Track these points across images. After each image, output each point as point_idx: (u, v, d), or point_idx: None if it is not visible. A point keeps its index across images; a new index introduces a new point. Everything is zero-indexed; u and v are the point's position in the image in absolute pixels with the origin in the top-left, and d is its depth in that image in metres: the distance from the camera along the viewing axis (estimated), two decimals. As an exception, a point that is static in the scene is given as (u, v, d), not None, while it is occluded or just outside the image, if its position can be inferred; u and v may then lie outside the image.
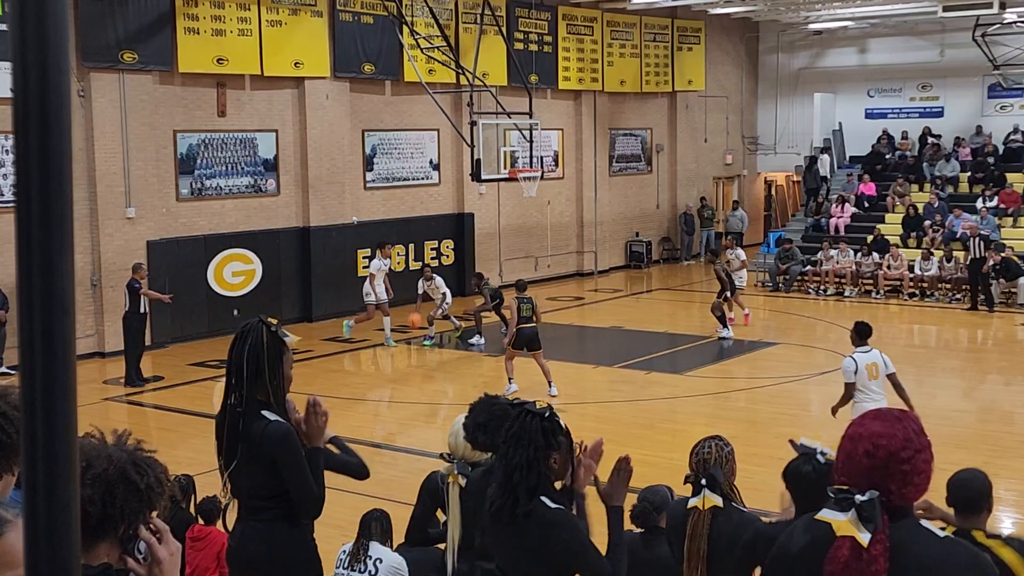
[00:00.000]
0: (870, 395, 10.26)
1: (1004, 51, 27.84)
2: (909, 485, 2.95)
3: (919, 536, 2.96)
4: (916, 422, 3.04)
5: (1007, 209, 27.15)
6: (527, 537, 4.23)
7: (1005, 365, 18.21)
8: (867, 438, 2.98)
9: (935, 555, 2.92)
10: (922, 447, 2.97)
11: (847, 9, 28.82)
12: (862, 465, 2.96)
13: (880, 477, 2.94)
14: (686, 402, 15.43)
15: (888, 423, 3.01)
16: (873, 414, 3.08)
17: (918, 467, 2.95)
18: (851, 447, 3.01)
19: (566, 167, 28.24)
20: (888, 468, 2.93)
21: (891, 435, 2.96)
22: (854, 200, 29.27)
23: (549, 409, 4.31)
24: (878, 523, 2.88)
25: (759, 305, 24.62)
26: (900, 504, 2.96)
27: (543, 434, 4.23)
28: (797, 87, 33.26)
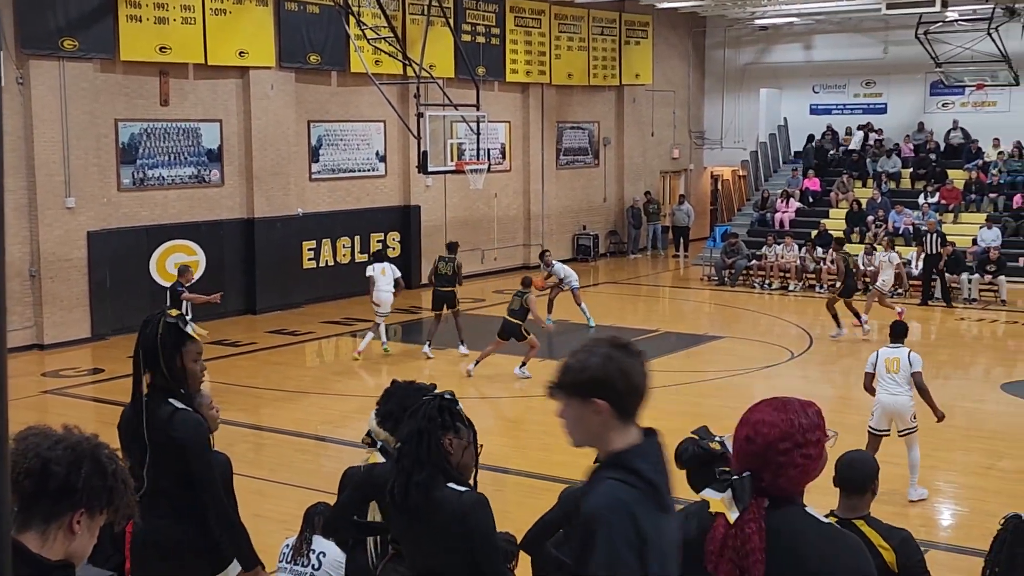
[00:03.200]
0: (884, 387, 10.84)
1: (946, 49, 28.18)
2: (782, 476, 2.98)
3: (801, 522, 3.00)
4: (811, 416, 3.05)
5: (948, 205, 27.54)
6: (435, 524, 4.22)
7: (945, 360, 18.45)
8: (750, 424, 3.05)
9: (815, 542, 2.96)
10: (805, 442, 2.99)
11: (792, 5, 29.05)
12: (742, 449, 3.03)
13: (756, 463, 2.99)
14: (632, 395, 15.44)
15: (776, 413, 3.04)
16: (769, 401, 3.12)
17: (794, 461, 2.98)
18: (737, 430, 3.09)
19: (513, 160, 28.21)
20: (764, 456, 2.98)
21: (772, 425, 3.00)
22: (799, 195, 29.54)
23: (450, 394, 4.34)
24: (746, 502, 2.92)
25: (704, 299, 24.78)
26: (779, 491, 2.99)
27: (439, 411, 4.26)
28: (743, 82, 33.48)
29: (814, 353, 18.33)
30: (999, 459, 12.41)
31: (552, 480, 10.75)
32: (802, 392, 11.87)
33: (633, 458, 2.98)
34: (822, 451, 3.06)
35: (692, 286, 26.45)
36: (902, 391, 10.79)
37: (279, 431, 13.51)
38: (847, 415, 12.90)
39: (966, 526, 10.36)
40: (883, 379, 10.84)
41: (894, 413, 10.88)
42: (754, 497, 2.96)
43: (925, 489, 10.91)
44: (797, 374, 17.04)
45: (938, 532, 10.29)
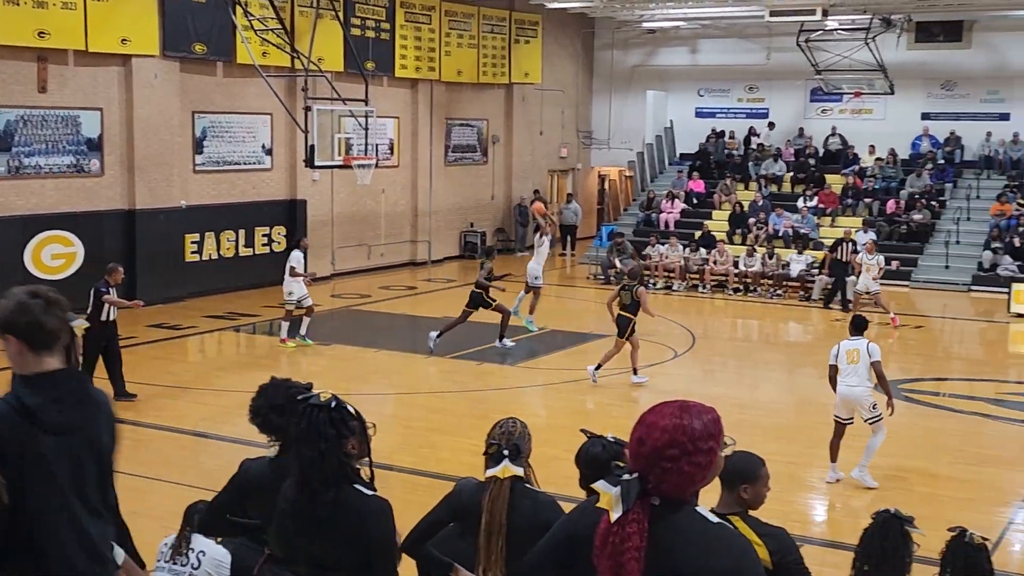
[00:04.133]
0: (844, 378, 11.35)
1: (826, 57, 28.93)
2: (666, 481, 3.00)
3: (686, 524, 3.02)
4: (707, 424, 3.05)
5: (826, 209, 28.28)
6: (339, 527, 4.18)
7: (821, 359, 18.91)
8: (644, 426, 3.06)
9: (697, 543, 2.99)
10: (694, 450, 3.00)
11: (679, 10, 29.50)
12: (633, 450, 3.05)
13: (643, 465, 3.02)
14: (519, 392, 15.53)
15: (670, 418, 3.04)
16: (668, 404, 3.12)
17: (680, 468, 2.99)
18: (633, 431, 3.09)
19: (401, 156, 28.08)
20: (650, 460, 3.00)
21: (663, 430, 3.01)
22: (684, 196, 30.02)
23: (335, 399, 4.28)
24: (630, 503, 2.95)
25: (590, 298, 24.99)
26: (666, 494, 3.01)
27: (332, 425, 4.21)
28: (631, 84, 33.88)
29: (697, 352, 18.63)
30: (875, 456, 12.76)
31: (436, 477, 10.74)
32: (684, 391, 12.17)
33: (21, 382, 3.64)
34: (713, 459, 3.05)
35: (578, 284, 26.68)
36: (859, 382, 11.30)
37: (158, 427, 13.22)
38: (730, 413, 13.12)
39: (840, 521, 10.64)
40: (843, 370, 11.35)
41: (853, 403, 11.38)
42: (641, 497, 2.97)
43: (872, 479, 11.30)
44: (680, 373, 17.29)
45: (812, 527, 10.54)
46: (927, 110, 30.26)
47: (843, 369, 11.35)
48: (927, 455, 13.14)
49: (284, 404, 4.86)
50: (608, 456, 4.43)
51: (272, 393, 5.09)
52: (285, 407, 4.82)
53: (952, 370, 17.47)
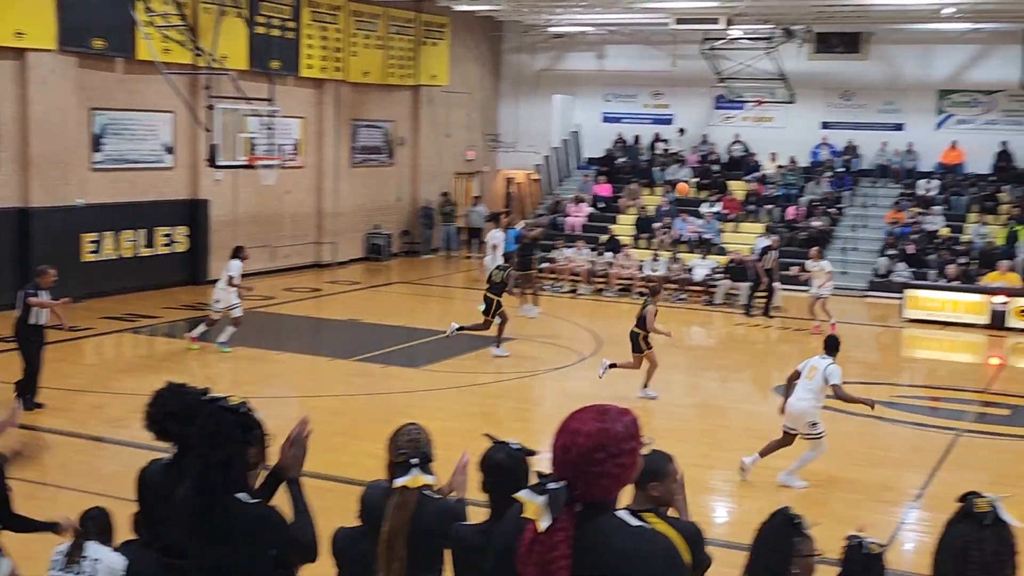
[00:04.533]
0: (797, 391, 11.64)
1: (729, 65, 29.39)
2: (595, 486, 3.02)
3: (611, 529, 3.04)
4: (627, 425, 3.09)
5: (728, 215, 28.72)
6: (230, 535, 4.13)
7: (724, 363, 19.22)
8: (567, 433, 3.06)
9: (623, 547, 3.01)
10: (619, 452, 3.03)
11: (586, 15, 29.71)
12: (558, 458, 3.05)
13: (570, 472, 3.02)
14: (423, 396, 15.47)
15: (593, 422, 3.06)
16: (587, 410, 3.13)
17: (608, 471, 3.02)
18: (556, 438, 3.09)
19: (307, 156, 27.81)
20: (578, 466, 3.01)
21: (587, 435, 3.03)
22: (590, 200, 30.24)
23: (244, 404, 4.21)
24: (558, 512, 2.95)
25: (496, 300, 25.01)
26: (592, 499, 3.03)
27: (241, 429, 4.15)
28: (538, 88, 34.02)
29: (602, 355, 18.74)
30: (770, 458, 12.97)
31: (338, 480, 10.64)
32: (589, 395, 12.21)
33: None
34: (636, 460, 3.10)
35: (482, 288, 26.62)
36: (805, 399, 11.50)
37: (54, 431, 12.88)
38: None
39: (739, 523, 10.79)
40: (800, 383, 11.61)
41: (796, 416, 11.56)
42: (567, 506, 2.98)
43: (801, 481, 11.53)
44: (586, 376, 17.39)
45: (712, 528, 10.68)
46: (826, 119, 30.93)
47: (800, 382, 11.58)
48: (824, 457, 13.40)
49: (180, 412, 4.76)
50: (511, 463, 4.41)
51: (168, 400, 4.95)
52: (181, 415, 4.72)
53: (848, 373, 17.73)
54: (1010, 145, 28.85)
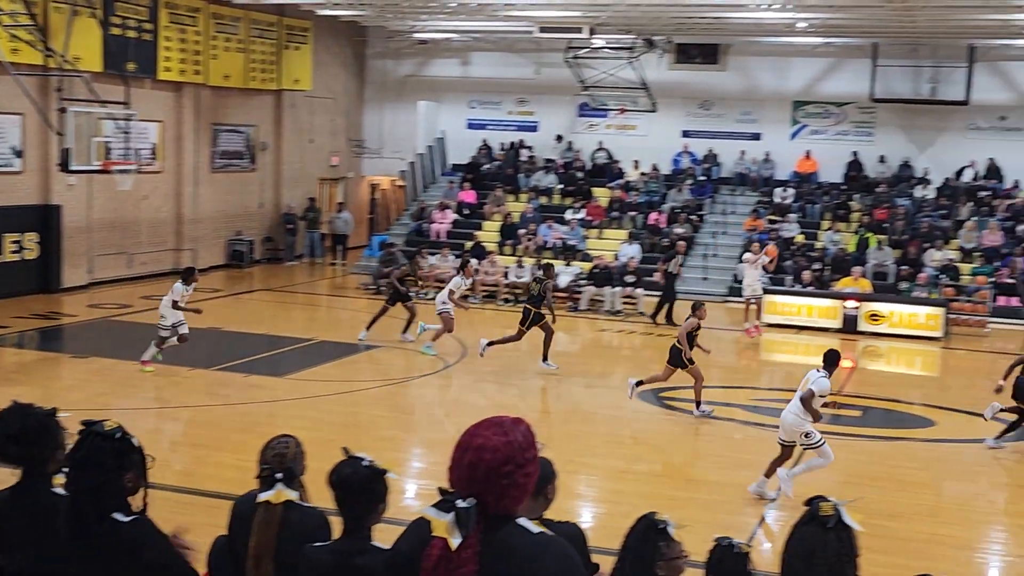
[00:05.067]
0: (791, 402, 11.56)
1: (592, 73, 29.76)
2: (506, 498, 3.04)
3: (515, 539, 3.06)
4: (526, 434, 3.12)
5: (593, 221, 29.06)
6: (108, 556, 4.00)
7: (588, 368, 19.40)
8: (473, 450, 3.05)
9: (528, 555, 3.03)
10: (524, 461, 3.07)
11: (450, 22, 29.72)
12: (465, 475, 3.04)
13: (480, 488, 3.02)
14: (287, 405, 15.22)
15: (496, 436, 3.07)
16: (487, 423, 3.13)
17: (517, 481, 3.05)
18: (459, 455, 3.08)
19: (165, 161, 27.14)
20: (488, 481, 3.02)
21: (495, 450, 3.04)
22: (455, 207, 30.24)
23: (120, 429, 4.08)
24: (470, 530, 2.95)
25: (361, 307, 24.81)
26: (500, 511, 3.04)
27: (115, 456, 4.03)
28: (403, 93, 33.88)
29: (467, 363, 18.74)
30: (634, 463, 13.15)
31: (200, 494, 10.38)
32: (454, 401, 12.19)
33: None
34: (538, 467, 3.14)
35: (349, 294, 26.44)
36: (791, 410, 11.49)
37: None
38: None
39: (606, 527, 10.89)
40: (795, 395, 11.56)
41: (787, 428, 11.55)
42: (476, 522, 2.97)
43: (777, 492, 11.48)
44: (451, 383, 17.36)
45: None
46: (687, 128, 31.56)
47: (795, 394, 11.55)
48: (686, 460, 13.65)
49: (20, 434, 4.52)
50: (358, 479, 4.33)
51: (9, 421, 4.69)
52: (22, 437, 4.49)
53: (709, 378, 18.17)
54: (860, 155, 29.90)
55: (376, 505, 4.34)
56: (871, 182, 29.39)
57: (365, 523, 4.33)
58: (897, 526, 10.74)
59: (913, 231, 27.20)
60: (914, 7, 22.78)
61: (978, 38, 27.62)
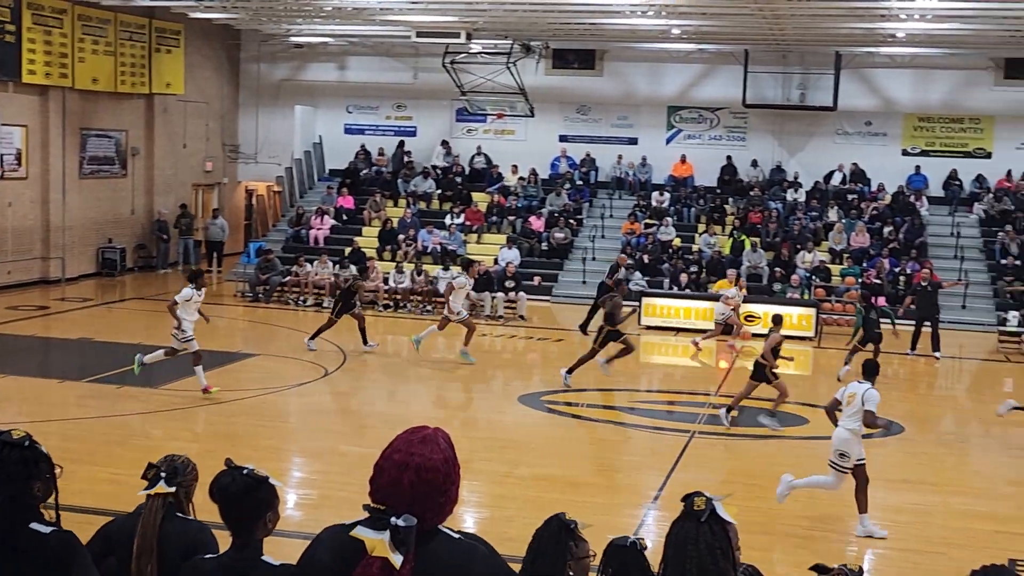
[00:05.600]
0: (842, 418, 11.15)
1: (470, 79, 29.80)
2: (441, 513, 3.09)
3: (442, 547, 3.07)
4: (450, 444, 3.16)
5: (472, 226, 29.07)
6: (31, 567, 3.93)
7: (470, 373, 19.36)
8: (414, 469, 3.04)
9: (461, 560, 3.07)
10: (455, 476, 3.12)
11: (326, 26, 29.43)
12: (405, 493, 3.02)
13: (420, 507, 3.02)
14: (162, 417, 14.85)
15: (435, 454, 3.09)
16: (418, 438, 3.12)
17: (451, 496, 3.11)
18: (395, 474, 3.04)
19: (30, 167, 26.27)
20: (428, 498, 3.04)
21: (435, 469, 3.06)
22: (333, 212, 29.93)
23: (28, 437, 4.00)
24: (411, 547, 2.94)
25: (237, 315, 24.40)
26: (433, 524, 3.07)
27: (24, 464, 3.96)
28: (279, 98, 33.43)
29: (347, 370, 18.56)
30: (516, 467, 13.17)
31: (71, 510, 10.02)
32: (337, 408, 12.01)
33: None
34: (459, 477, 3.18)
35: (225, 302, 25.95)
36: (843, 426, 11.12)
37: None
38: (380, 431, 13.17)
39: (489, 532, 10.86)
40: (844, 411, 11.15)
41: (832, 442, 11.22)
42: None
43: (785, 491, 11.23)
44: (332, 391, 17.16)
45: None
46: (564, 132, 31.81)
47: (844, 410, 11.19)
48: (568, 463, 13.72)
49: None
50: (236, 488, 4.23)
51: None
52: None
53: (589, 381, 18.34)
54: (734, 159, 30.54)
55: (262, 516, 4.22)
56: (744, 186, 30.03)
57: (254, 535, 4.22)
58: (772, 522, 10.96)
59: (785, 233, 27.88)
60: (783, 15, 23.37)
61: (844, 46, 28.46)
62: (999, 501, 12.68)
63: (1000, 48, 27.90)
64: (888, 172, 29.59)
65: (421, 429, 3.17)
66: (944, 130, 29.88)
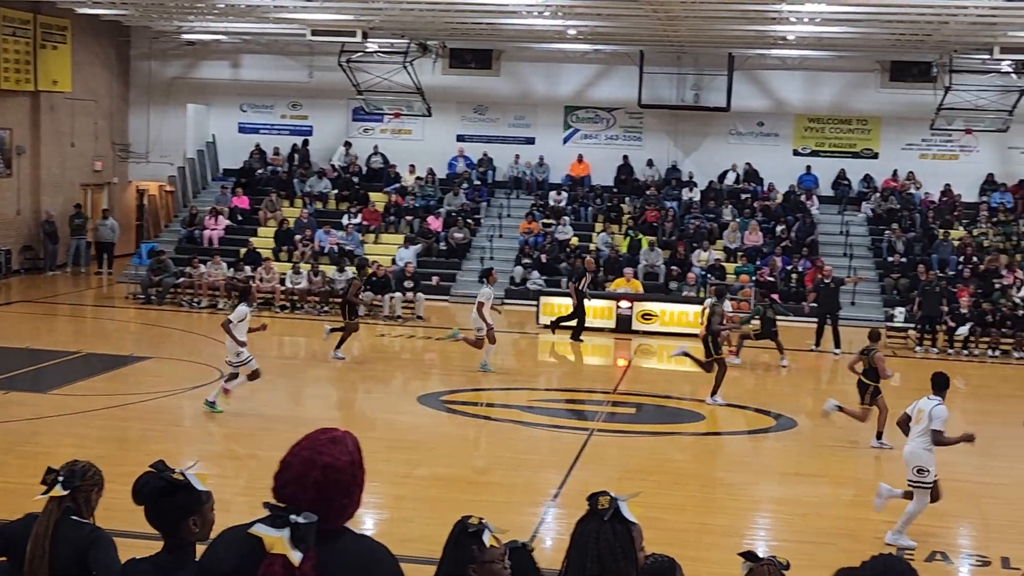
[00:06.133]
0: (910, 435, 10.97)
1: (367, 78, 29.61)
2: (343, 514, 3.08)
3: (350, 544, 3.07)
4: (357, 445, 3.14)
5: (370, 226, 28.88)
6: None
7: (368, 374, 19.25)
8: (321, 469, 3.03)
9: (366, 559, 3.07)
10: (361, 480, 3.12)
11: (219, 23, 28.95)
12: (310, 492, 3.00)
13: (323, 507, 3.00)
14: (50, 423, 14.44)
15: (343, 455, 3.07)
16: (325, 439, 3.10)
17: (355, 499, 3.10)
18: (301, 471, 3.02)
19: (-90, 166, 25.36)
20: (333, 499, 3.02)
21: (342, 470, 3.05)
22: (228, 213, 29.47)
23: None
24: (311, 544, 2.92)
25: (130, 318, 23.90)
26: (339, 524, 3.06)
27: None
28: (170, 96, 32.78)
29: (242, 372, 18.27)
30: (416, 467, 13.12)
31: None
32: (233, 411, 11.79)
33: None
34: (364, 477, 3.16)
35: (117, 304, 25.38)
36: (914, 442, 10.89)
37: None
38: (280, 432, 13.03)
39: (388, 533, 10.80)
40: (912, 427, 10.97)
41: (905, 458, 10.97)
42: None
43: (910, 539, 10.76)
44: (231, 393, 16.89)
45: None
46: (462, 132, 31.80)
47: (912, 426, 11.00)
48: (468, 463, 13.73)
49: None
50: (149, 492, 4.16)
51: None
52: None
53: (489, 380, 18.37)
54: (630, 159, 30.84)
55: (186, 518, 4.16)
56: (641, 185, 30.35)
57: (183, 538, 4.15)
58: (670, 517, 11.09)
59: (681, 232, 28.26)
60: (677, 17, 23.68)
61: (737, 48, 28.96)
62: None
63: (886, 51, 28.68)
64: (780, 172, 30.19)
65: (331, 430, 3.16)
66: (833, 131, 30.61)
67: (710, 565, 9.64)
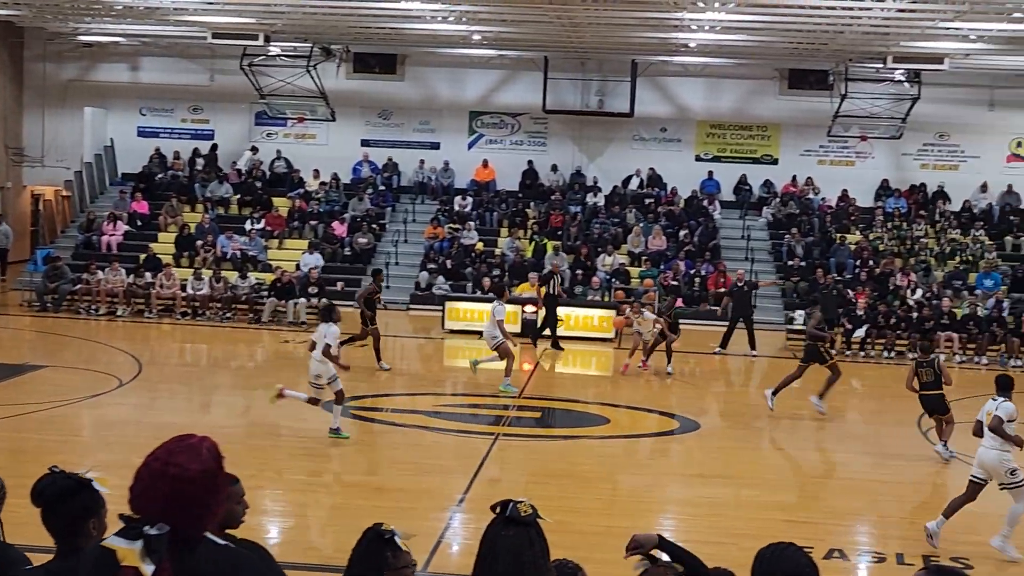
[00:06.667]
0: (983, 438, 10.88)
1: (269, 82, 29.31)
2: (199, 524, 2.99)
3: (209, 553, 3.01)
4: (215, 455, 3.04)
5: (273, 231, 28.58)
6: None
7: (273, 380, 19.03)
8: (170, 479, 2.94)
9: (222, 569, 3.02)
10: (217, 488, 3.02)
11: (118, 25, 28.39)
12: (160, 504, 2.92)
13: (176, 518, 2.92)
14: (-60, 434, 14.01)
15: (194, 463, 2.98)
16: (178, 447, 3.01)
17: (212, 509, 3.01)
18: (151, 482, 2.95)
19: None
20: (185, 510, 2.94)
21: (192, 480, 2.95)
22: (127, 218, 28.91)
23: None
24: (163, 555, 2.84)
25: (24, 326, 23.31)
26: (196, 534, 2.99)
27: None
28: (67, 99, 32.06)
29: (144, 379, 17.96)
30: (320, 475, 13.02)
31: None
32: (133, 420, 11.59)
33: None
34: (228, 486, 3.12)
35: (11, 312, 24.74)
36: (990, 445, 10.78)
37: None
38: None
39: (293, 541, 10.69)
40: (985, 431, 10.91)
41: (987, 466, 10.80)
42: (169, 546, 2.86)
43: (1016, 550, 10.60)
44: (127, 402, 16.56)
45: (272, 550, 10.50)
46: (366, 137, 31.64)
47: (986, 431, 10.91)
48: (373, 469, 13.66)
49: None
50: (54, 492, 4.08)
51: None
52: None
53: (395, 386, 18.32)
54: (535, 164, 31.00)
55: (85, 521, 4.08)
56: (546, 190, 30.52)
57: (78, 544, 4.06)
58: (575, 520, 11.15)
59: (586, 237, 28.48)
60: (580, 23, 23.87)
61: (640, 54, 29.30)
62: (786, 492, 13.28)
63: (784, 60, 29.27)
64: (682, 177, 30.62)
65: (187, 437, 3.08)
66: (734, 137, 31.14)
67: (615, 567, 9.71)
